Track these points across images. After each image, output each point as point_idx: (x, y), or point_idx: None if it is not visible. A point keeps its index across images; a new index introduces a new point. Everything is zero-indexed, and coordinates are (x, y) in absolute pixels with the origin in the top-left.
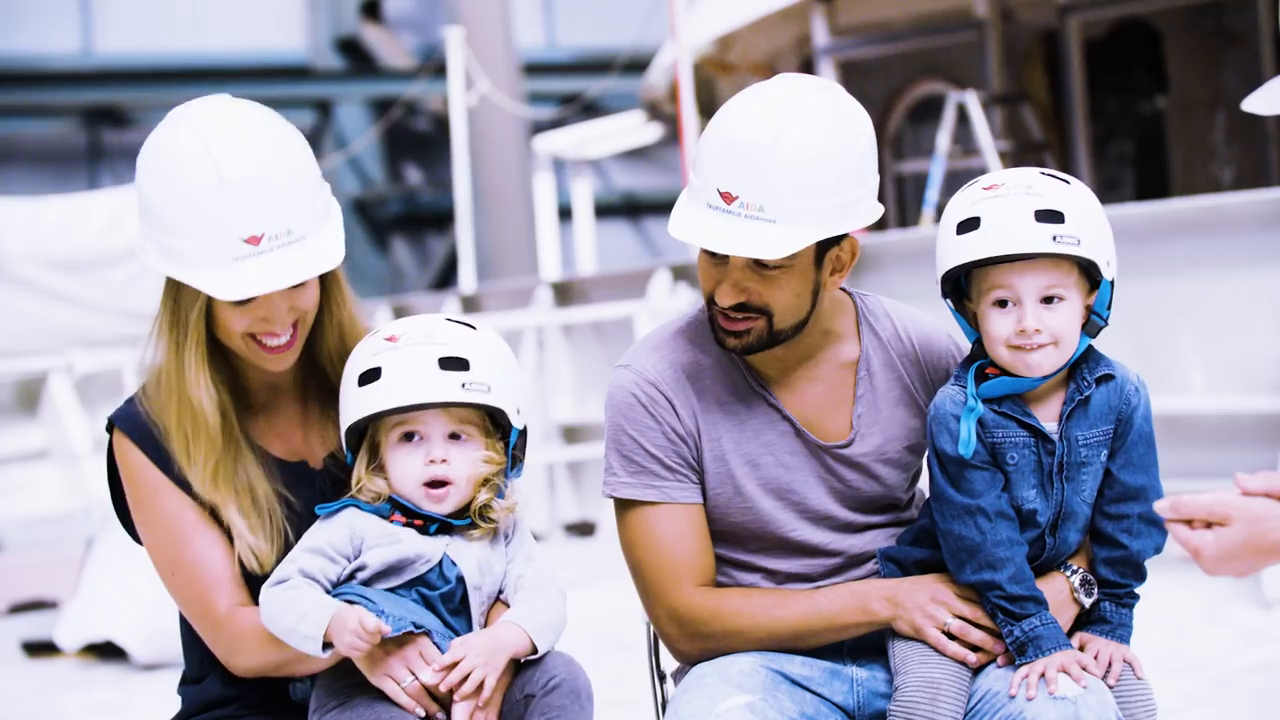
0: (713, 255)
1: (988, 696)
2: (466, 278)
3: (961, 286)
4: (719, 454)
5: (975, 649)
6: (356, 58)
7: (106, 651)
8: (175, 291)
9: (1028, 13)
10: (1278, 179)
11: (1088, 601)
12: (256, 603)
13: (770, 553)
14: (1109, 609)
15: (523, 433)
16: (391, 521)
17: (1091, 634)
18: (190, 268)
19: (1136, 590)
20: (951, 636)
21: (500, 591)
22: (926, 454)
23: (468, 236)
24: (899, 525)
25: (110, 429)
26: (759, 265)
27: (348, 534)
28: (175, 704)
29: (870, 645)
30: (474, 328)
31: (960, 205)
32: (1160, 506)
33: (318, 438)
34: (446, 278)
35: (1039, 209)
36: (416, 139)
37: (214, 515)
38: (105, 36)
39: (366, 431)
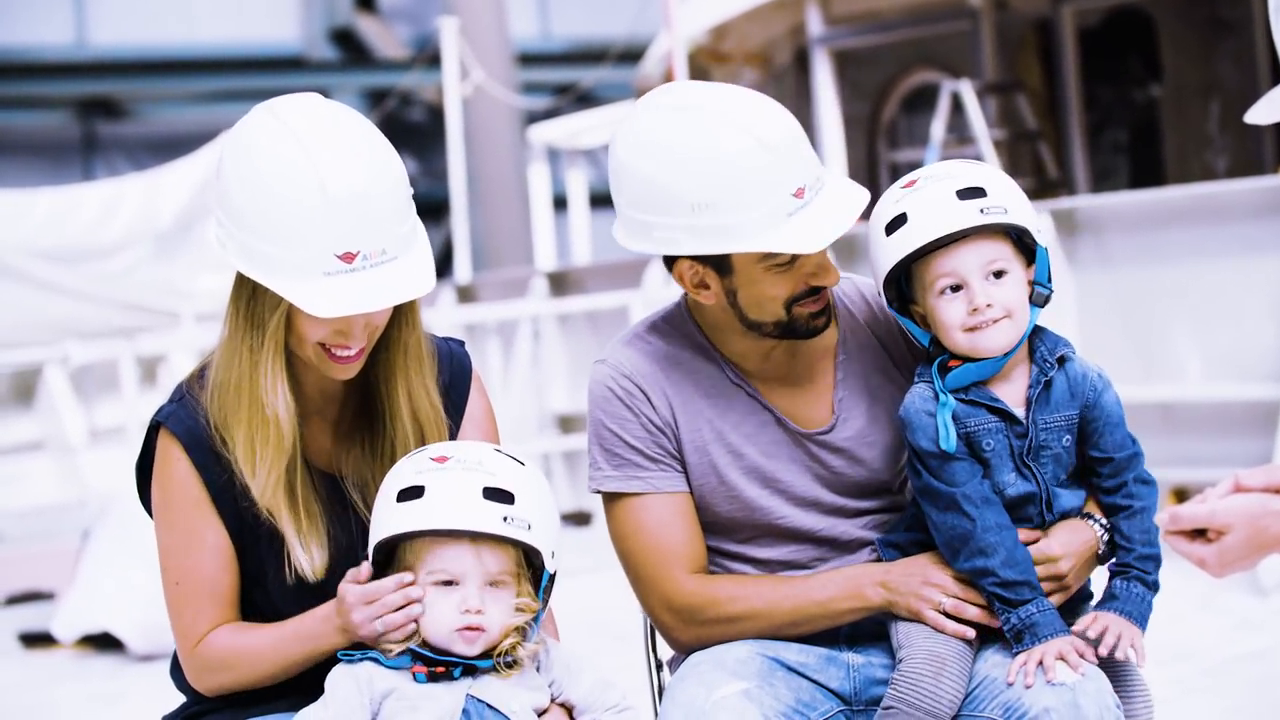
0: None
1: (985, 682)
2: (462, 268)
3: (904, 291)
4: (700, 445)
5: (974, 625)
6: (351, 49)
7: (103, 643)
8: (252, 293)
9: (1022, 1)
10: (1271, 167)
11: (1105, 549)
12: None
13: (760, 541)
14: (1119, 585)
15: (552, 577)
16: (413, 674)
17: (1104, 610)
18: (279, 275)
19: (1153, 575)
20: (949, 616)
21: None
22: (905, 456)
23: (463, 227)
24: (893, 510)
25: (156, 428)
26: None
27: (367, 691)
28: (170, 694)
29: (867, 631)
30: (523, 463)
31: (884, 209)
32: (1160, 520)
33: (344, 451)
34: (442, 268)
35: (959, 189)
36: (411, 130)
37: (252, 534)
38: (99, 28)
39: (396, 550)
